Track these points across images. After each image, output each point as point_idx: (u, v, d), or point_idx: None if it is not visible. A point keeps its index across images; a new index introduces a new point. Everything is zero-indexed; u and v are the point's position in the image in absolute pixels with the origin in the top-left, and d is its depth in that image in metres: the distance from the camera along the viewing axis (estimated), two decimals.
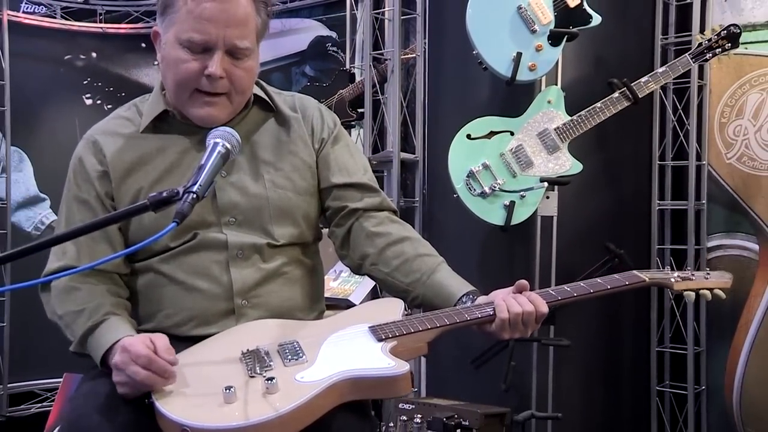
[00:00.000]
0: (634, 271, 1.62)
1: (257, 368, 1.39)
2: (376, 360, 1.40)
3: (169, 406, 1.34)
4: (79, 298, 1.53)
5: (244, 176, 1.60)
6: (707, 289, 1.65)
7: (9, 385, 4.53)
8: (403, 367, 1.37)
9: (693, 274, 1.67)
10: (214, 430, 1.28)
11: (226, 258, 1.56)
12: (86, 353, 1.51)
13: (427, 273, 1.59)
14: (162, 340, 1.42)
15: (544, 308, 1.50)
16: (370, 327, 1.48)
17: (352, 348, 1.44)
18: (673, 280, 1.65)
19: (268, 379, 1.34)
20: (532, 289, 1.53)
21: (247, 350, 1.44)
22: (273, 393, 1.33)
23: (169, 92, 1.59)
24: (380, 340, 1.45)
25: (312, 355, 1.42)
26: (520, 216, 2.79)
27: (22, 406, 4.64)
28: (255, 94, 1.65)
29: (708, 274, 1.68)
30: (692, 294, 1.66)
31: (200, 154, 1.39)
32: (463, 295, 1.55)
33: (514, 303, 1.48)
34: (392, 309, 1.55)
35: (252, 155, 1.62)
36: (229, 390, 1.32)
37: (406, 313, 1.54)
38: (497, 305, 1.48)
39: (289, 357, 1.42)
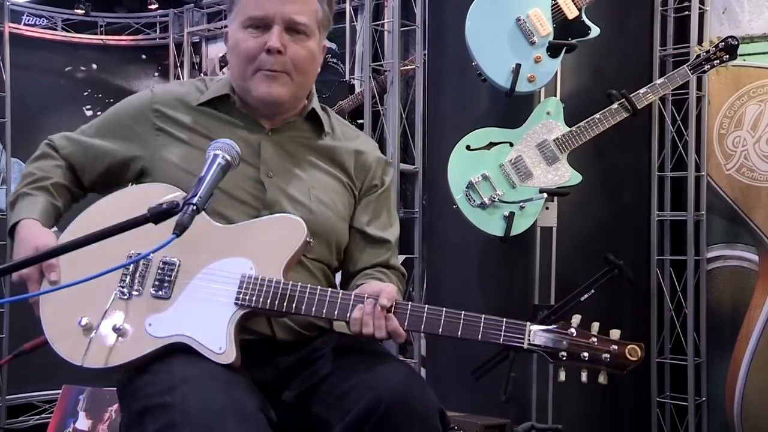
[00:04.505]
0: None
1: (128, 285, 1.47)
2: (213, 335, 1.43)
3: (44, 312, 1.50)
4: (42, 168, 1.64)
5: (291, 185, 1.60)
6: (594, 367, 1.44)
7: (7, 397, 4.53)
8: (229, 358, 1.41)
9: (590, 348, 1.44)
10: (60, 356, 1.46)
11: None
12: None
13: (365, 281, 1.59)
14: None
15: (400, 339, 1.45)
16: (242, 275, 1.46)
17: (206, 303, 1.46)
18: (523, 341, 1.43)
19: (116, 329, 1.44)
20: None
21: (134, 253, 1.48)
22: (123, 336, 1.46)
23: (235, 79, 1.62)
24: (237, 302, 1.45)
25: (177, 292, 1.47)
26: (519, 227, 2.79)
27: (20, 418, 4.63)
28: (314, 108, 1.67)
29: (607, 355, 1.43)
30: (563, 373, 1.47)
31: (244, 147, 1.45)
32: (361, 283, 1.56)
33: (370, 324, 1.42)
34: (290, 238, 1.50)
35: (299, 165, 1.63)
36: (84, 325, 1.45)
37: (308, 240, 1.50)
38: (353, 319, 1.44)
39: (158, 283, 1.47)
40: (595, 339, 1.45)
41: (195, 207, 1.27)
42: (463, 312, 1.45)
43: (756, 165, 3.28)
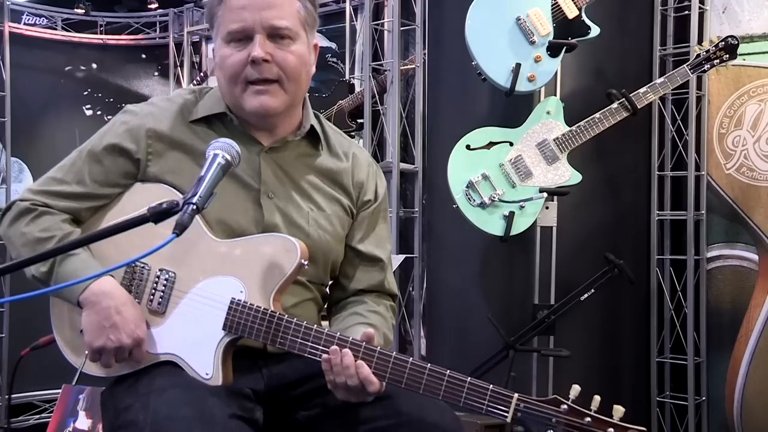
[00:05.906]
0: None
1: (129, 291, 1.49)
2: (202, 359, 1.44)
3: (53, 312, 1.54)
4: (51, 227, 1.51)
5: (291, 207, 1.57)
6: None
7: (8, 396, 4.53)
8: (216, 383, 1.42)
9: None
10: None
11: None
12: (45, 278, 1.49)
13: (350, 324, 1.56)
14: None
15: (373, 388, 1.37)
16: (232, 300, 1.45)
17: (197, 325, 1.46)
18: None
19: None
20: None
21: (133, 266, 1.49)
22: None
23: (225, 96, 1.56)
24: (225, 328, 1.44)
25: (170, 308, 1.48)
26: (519, 226, 2.79)
27: (20, 417, 4.63)
28: (312, 126, 1.62)
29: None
30: None
31: (244, 166, 1.42)
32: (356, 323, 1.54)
33: (340, 374, 1.38)
34: (284, 261, 1.46)
35: (298, 187, 1.59)
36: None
37: (302, 262, 1.46)
38: (324, 368, 1.40)
39: (153, 297, 1.48)
40: (590, 418, 1.28)
41: (195, 207, 1.26)
42: (448, 371, 1.35)
43: (756, 164, 3.28)
